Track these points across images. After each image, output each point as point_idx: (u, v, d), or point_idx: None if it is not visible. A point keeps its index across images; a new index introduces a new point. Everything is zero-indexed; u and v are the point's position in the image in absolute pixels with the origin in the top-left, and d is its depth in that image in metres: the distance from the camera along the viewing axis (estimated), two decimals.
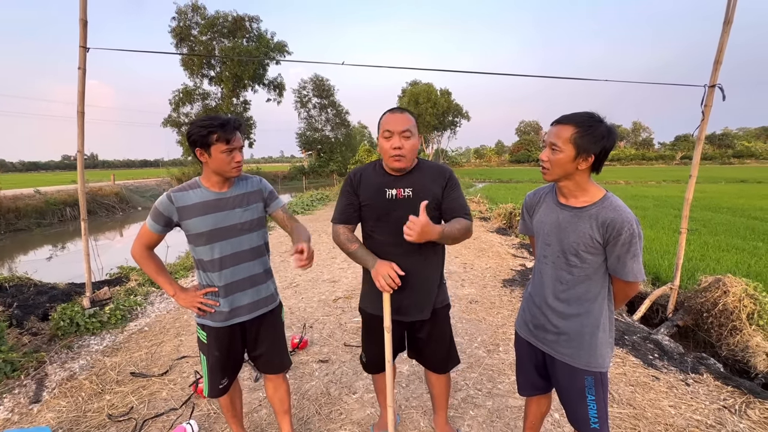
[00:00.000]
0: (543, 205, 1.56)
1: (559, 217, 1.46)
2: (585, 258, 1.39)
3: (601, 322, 1.44)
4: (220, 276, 1.69)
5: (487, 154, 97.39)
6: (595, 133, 1.31)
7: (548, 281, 1.51)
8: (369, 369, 1.98)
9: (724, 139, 73.06)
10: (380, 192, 1.71)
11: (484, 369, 2.84)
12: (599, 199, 1.39)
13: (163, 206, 1.61)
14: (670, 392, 2.53)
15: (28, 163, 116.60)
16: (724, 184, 22.52)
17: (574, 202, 1.43)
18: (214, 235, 1.65)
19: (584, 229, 1.37)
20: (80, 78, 3.55)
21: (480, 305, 4.11)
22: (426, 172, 1.72)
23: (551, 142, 1.37)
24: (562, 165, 1.36)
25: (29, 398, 2.53)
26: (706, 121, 3.51)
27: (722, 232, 7.79)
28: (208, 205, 1.64)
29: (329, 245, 7.27)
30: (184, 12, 26.21)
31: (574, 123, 1.33)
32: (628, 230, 1.30)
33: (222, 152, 1.57)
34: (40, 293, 4.16)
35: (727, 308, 3.40)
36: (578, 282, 1.43)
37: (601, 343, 1.44)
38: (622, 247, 1.32)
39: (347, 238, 1.75)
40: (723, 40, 3.36)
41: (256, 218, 1.76)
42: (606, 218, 1.33)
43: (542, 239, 1.53)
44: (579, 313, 1.44)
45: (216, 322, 1.72)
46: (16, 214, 13.88)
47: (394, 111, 1.66)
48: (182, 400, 2.49)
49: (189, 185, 1.67)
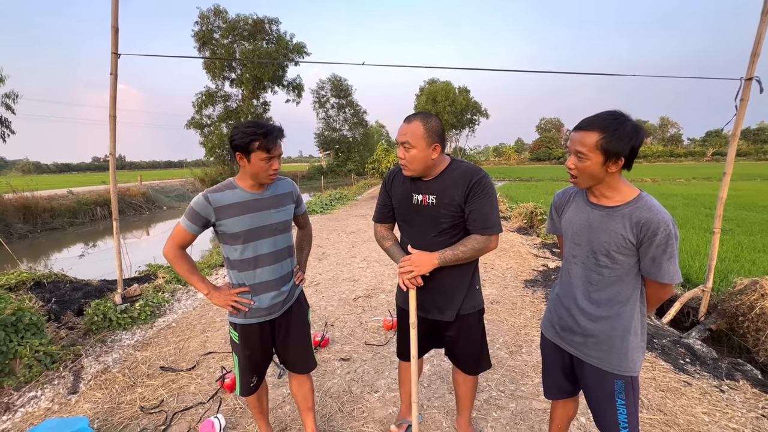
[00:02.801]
0: (573, 204, 1.52)
1: (589, 217, 1.42)
2: (616, 258, 1.35)
3: (632, 326, 1.39)
4: (254, 275, 1.73)
5: (507, 152, 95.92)
6: (621, 135, 1.25)
7: (577, 282, 1.47)
8: (399, 354, 2.08)
9: (760, 134, 69.54)
10: (407, 196, 1.74)
11: (506, 370, 2.80)
12: (633, 199, 1.34)
13: (201, 207, 1.63)
14: (704, 399, 2.44)
15: (61, 165, 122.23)
16: (759, 181, 21.42)
17: (606, 202, 1.38)
18: (251, 235, 1.69)
19: (616, 228, 1.33)
20: (112, 83, 3.70)
21: (501, 306, 4.06)
22: (453, 176, 1.66)
23: (576, 150, 1.32)
24: (590, 172, 1.32)
25: (67, 389, 2.66)
26: (742, 115, 3.35)
27: (758, 231, 7.42)
28: (245, 206, 1.68)
29: (348, 245, 7.32)
30: (207, 16, 26.87)
31: (599, 128, 1.27)
32: (664, 230, 1.25)
33: (261, 160, 1.61)
34: (75, 289, 4.36)
35: (766, 312, 3.24)
36: (609, 283, 1.39)
37: (632, 347, 1.39)
38: (657, 248, 1.27)
39: (383, 236, 1.87)
40: (761, 30, 3.21)
41: (288, 219, 1.83)
42: (641, 218, 1.29)
43: (571, 239, 1.49)
44: (609, 315, 1.40)
45: (247, 319, 1.76)
46: (51, 214, 14.59)
47: (406, 120, 1.64)
48: (209, 394, 2.57)
49: (225, 186, 1.70)
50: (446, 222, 1.66)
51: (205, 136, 28.13)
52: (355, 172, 36.66)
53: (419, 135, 1.58)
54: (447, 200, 1.64)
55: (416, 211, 1.71)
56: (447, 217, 1.66)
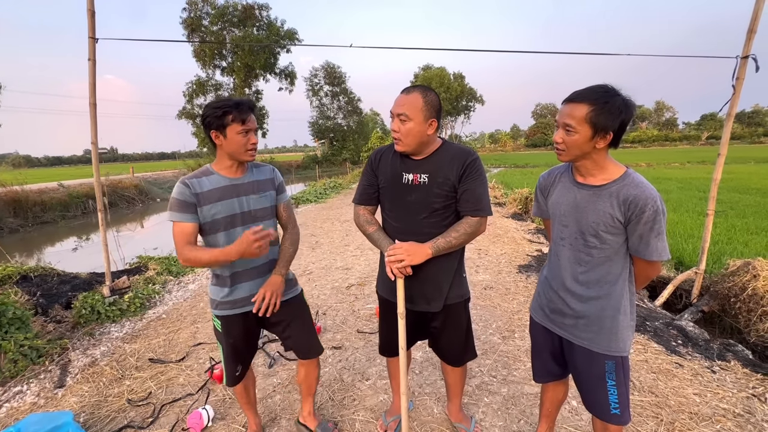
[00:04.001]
0: (558, 185, 1.48)
1: (576, 197, 1.39)
2: (605, 238, 1.33)
3: (622, 305, 1.38)
4: (234, 263, 1.65)
5: (502, 139, 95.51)
6: (612, 108, 1.22)
7: (566, 264, 1.45)
8: (382, 351, 1.99)
9: (754, 117, 69.66)
10: (397, 176, 1.65)
11: (498, 355, 2.79)
12: (620, 176, 1.31)
13: (184, 194, 1.55)
14: (695, 380, 2.44)
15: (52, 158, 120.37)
16: (753, 164, 21.49)
17: (593, 181, 1.36)
18: (230, 221, 1.63)
19: (604, 207, 1.31)
20: (90, 69, 3.57)
21: (495, 291, 4.04)
22: (445, 156, 1.61)
23: (565, 122, 1.28)
24: (578, 146, 1.29)
25: (54, 383, 2.61)
26: (738, 95, 3.29)
27: (751, 214, 7.44)
28: (224, 191, 1.62)
29: (342, 233, 7.27)
30: (195, 2, 26.21)
31: (589, 100, 1.24)
32: (651, 207, 1.23)
33: (238, 133, 1.55)
34: (63, 282, 4.29)
35: (757, 293, 3.24)
36: (598, 264, 1.37)
37: (622, 326, 1.38)
38: (645, 226, 1.25)
39: (366, 220, 1.74)
40: (758, 6, 3.13)
41: (270, 206, 1.75)
42: (628, 195, 1.26)
43: (558, 220, 1.46)
44: (599, 295, 1.39)
45: (227, 310, 1.71)
46: (42, 207, 14.40)
47: (404, 91, 1.56)
48: (198, 385, 2.53)
49: (201, 172, 1.64)
50: (438, 202, 1.60)
51: (198, 126, 27.72)
52: (350, 160, 36.42)
53: (417, 107, 1.51)
54: (441, 179, 1.58)
55: (406, 192, 1.63)
56: (440, 197, 1.59)
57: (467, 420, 2.09)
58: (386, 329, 1.89)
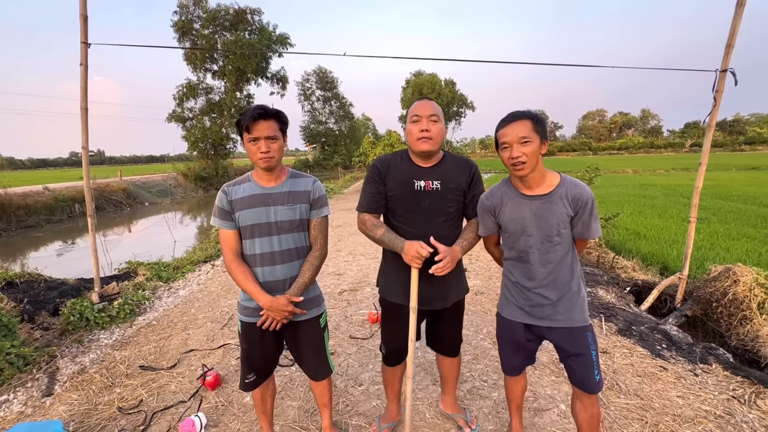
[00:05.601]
0: (507, 203, 1.65)
1: (533, 209, 1.59)
2: (563, 234, 1.58)
3: (580, 282, 1.65)
4: (261, 273, 1.67)
5: (493, 145, 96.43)
6: (541, 120, 1.52)
7: (537, 266, 1.63)
8: (389, 361, 1.99)
9: (735, 126, 71.58)
10: (408, 183, 1.73)
11: (489, 360, 2.83)
12: (560, 181, 1.58)
13: (221, 201, 1.65)
14: (678, 383, 2.51)
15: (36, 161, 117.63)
16: (734, 171, 22.12)
17: (540, 191, 1.59)
18: (256, 230, 1.65)
19: (560, 209, 1.56)
20: (82, 74, 3.55)
21: (486, 297, 4.10)
22: (452, 164, 1.77)
23: (522, 136, 1.49)
24: (534, 154, 1.51)
25: (42, 392, 2.58)
26: (718, 107, 3.42)
27: (732, 220, 7.67)
28: (253, 199, 1.65)
29: (334, 238, 7.28)
30: (186, 6, 26.05)
31: (527, 117, 1.52)
32: (590, 198, 1.54)
33: (248, 141, 1.59)
34: (50, 289, 4.22)
35: (738, 297, 3.35)
36: (561, 255, 1.61)
37: (583, 299, 1.65)
38: (588, 214, 1.55)
39: (373, 224, 1.77)
40: (735, 22, 3.26)
41: (299, 219, 1.69)
42: (575, 194, 1.55)
43: (521, 233, 1.63)
44: (566, 280, 1.62)
45: (247, 316, 1.72)
46: (26, 211, 14.07)
47: (422, 99, 1.73)
48: (190, 392, 2.52)
49: (241, 179, 1.71)
50: (452, 207, 1.74)
51: (188, 129, 27.42)
52: (341, 165, 36.41)
53: (440, 112, 1.71)
54: (453, 185, 1.72)
55: (420, 198, 1.72)
56: (453, 202, 1.74)
57: (463, 411, 2.18)
58: (396, 336, 1.88)
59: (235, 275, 1.65)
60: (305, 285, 1.70)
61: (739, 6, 3.20)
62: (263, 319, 1.65)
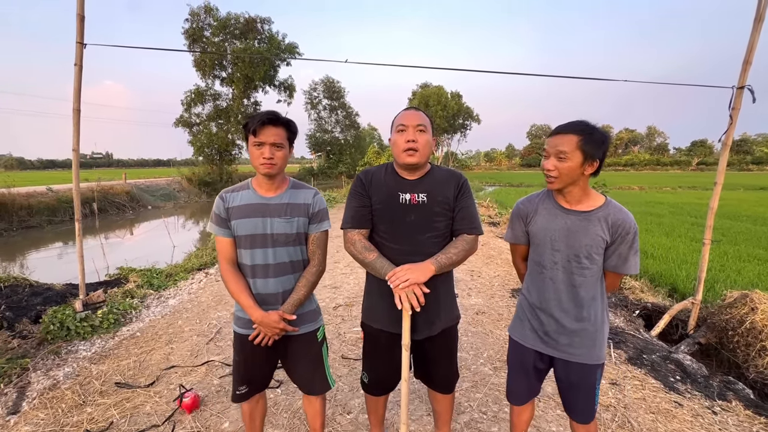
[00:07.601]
0: (542, 212, 1.54)
1: (567, 222, 1.48)
2: (595, 259, 1.46)
3: (605, 318, 1.52)
4: (253, 284, 1.60)
5: (498, 158, 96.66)
6: (596, 138, 1.38)
7: (561, 286, 1.50)
8: (372, 390, 1.83)
9: (742, 145, 71.25)
10: (393, 196, 1.60)
11: (489, 389, 2.64)
12: (604, 203, 1.46)
13: (218, 207, 1.60)
14: (695, 422, 2.30)
15: (45, 161, 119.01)
16: (743, 191, 21.83)
17: (580, 207, 1.47)
18: (251, 240, 1.57)
19: (596, 231, 1.43)
20: (76, 75, 3.46)
21: (487, 317, 3.90)
22: (439, 177, 1.66)
23: (559, 150, 1.40)
24: (570, 172, 1.40)
25: (7, 409, 2.40)
26: (734, 125, 3.27)
27: (742, 241, 7.44)
28: (250, 209, 1.57)
29: (332, 249, 7.11)
30: (197, 14, 26.44)
31: (576, 131, 1.38)
32: (633, 228, 1.41)
33: (252, 145, 1.53)
34: (34, 294, 4.08)
35: (756, 327, 3.14)
36: (590, 283, 1.48)
37: (605, 336, 1.53)
38: (628, 246, 1.42)
39: (364, 247, 1.60)
40: (753, 39, 3.13)
41: (295, 233, 1.62)
42: (616, 219, 1.42)
43: (549, 245, 1.52)
44: (590, 313, 1.49)
45: (240, 327, 1.65)
46: (29, 211, 14.05)
47: (409, 108, 1.63)
48: (165, 415, 2.34)
49: (240, 186, 1.65)
50: (440, 222, 1.61)
51: (194, 134, 27.58)
52: (346, 174, 36.42)
53: (428, 123, 1.61)
54: (440, 198, 1.60)
55: (405, 212, 1.60)
56: (440, 216, 1.61)
57: None
58: (379, 365, 1.75)
59: (229, 285, 1.59)
60: (299, 302, 1.63)
61: (758, 21, 3.07)
62: (255, 334, 1.58)
